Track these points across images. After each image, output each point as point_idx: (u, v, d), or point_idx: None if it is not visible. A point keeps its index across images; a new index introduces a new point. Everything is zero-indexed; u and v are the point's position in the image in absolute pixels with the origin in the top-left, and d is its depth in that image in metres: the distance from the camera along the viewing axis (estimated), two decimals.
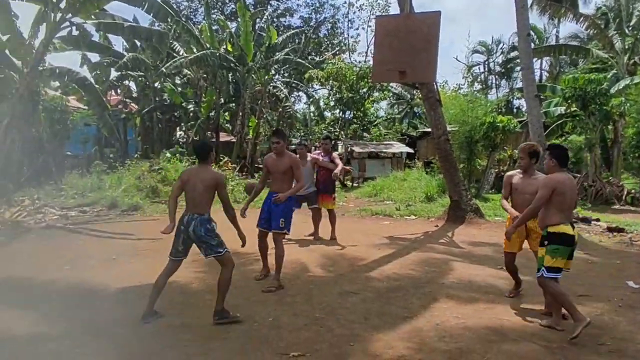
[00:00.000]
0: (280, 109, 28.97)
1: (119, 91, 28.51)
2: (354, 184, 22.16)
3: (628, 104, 18.04)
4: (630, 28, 21.64)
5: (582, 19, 21.95)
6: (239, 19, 24.33)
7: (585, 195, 16.87)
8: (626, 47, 21.39)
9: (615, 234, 10.64)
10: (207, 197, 5.21)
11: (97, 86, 21.76)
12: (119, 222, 11.26)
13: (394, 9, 10.96)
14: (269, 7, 41.59)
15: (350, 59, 31.89)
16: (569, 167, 21.04)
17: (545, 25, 36.98)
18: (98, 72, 25.50)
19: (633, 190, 17.87)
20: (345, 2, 33.31)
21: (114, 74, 26.59)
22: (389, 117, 40.05)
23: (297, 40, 32.98)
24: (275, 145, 6.65)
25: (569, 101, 17.31)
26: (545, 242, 4.79)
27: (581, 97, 16.43)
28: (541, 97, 22.40)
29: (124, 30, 16.08)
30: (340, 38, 39.38)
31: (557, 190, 4.68)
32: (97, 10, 14.70)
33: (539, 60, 34.87)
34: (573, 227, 4.76)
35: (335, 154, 9.75)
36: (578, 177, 18.36)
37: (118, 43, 57.90)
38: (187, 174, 5.13)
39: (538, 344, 4.57)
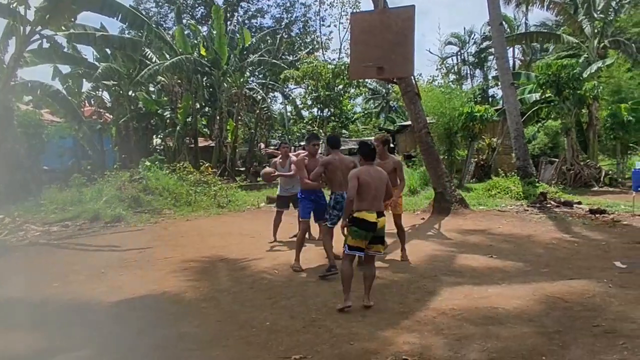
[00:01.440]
0: (258, 111, 28.83)
1: (92, 102, 28.08)
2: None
3: (601, 87, 18.39)
4: (598, 12, 22.00)
5: (551, 5, 22.26)
6: (213, 22, 24.12)
7: (565, 178, 17.15)
8: (595, 31, 21.76)
9: (597, 215, 10.84)
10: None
11: (70, 98, 21.42)
12: (103, 234, 11.10)
13: (365, 5, 11.08)
14: (239, 9, 41.44)
15: (324, 56, 31.94)
16: (545, 153, 21.32)
17: (514, 13, 37.45)
18: (70, 83, 25.08)
19: (610, 172, 18.23)
20: (315, 0, 33.19)
21: (86, 85, 26.22)
22: (365, 112, 40.17)
23: (270, 41, 32.89)
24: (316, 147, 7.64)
25: (544, 87, 17.59)
26: (350, 224, 5.36)
27: (555, 82, 16.71)
28: (516, 84, 22.73)
29: (95, 40, 15.82)
30: (313, 36, 39.41)
31: (360, 180, 5.29)
32: (68, 22, 14.44)
33: (511, 49, 35.27)
34: (379, 216, 5.31)
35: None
36: (556, 161, 18.67)
37: (87, 52, 57.18)
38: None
39: (535, 329, 4.62)
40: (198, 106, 27.90)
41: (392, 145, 27.15)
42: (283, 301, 5.80)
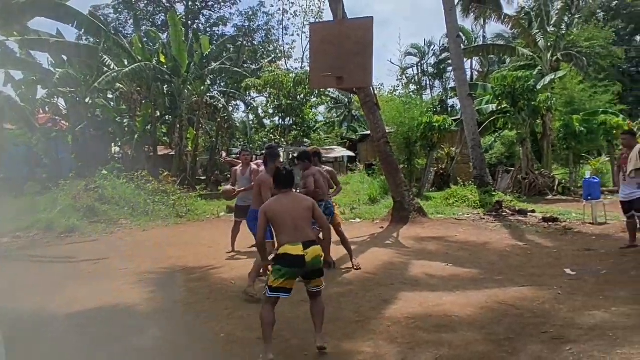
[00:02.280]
0: (219, 119, 28.62)
1: (47, 109, 27.33)
2: (298, 191, 22.13)
3: (554, 99, 19.00)
4: (551, 26, 22.78)
5: (506, 19, 22.94)
6: (170, 29, 23.87)
7: (520, 187, 17.60)
8: (549, 44, 22.51)
9: (550, 223, 11.15)
10: None
11: (23, 105, 20.80)
12: (57, 245, 10.79)
13: (328, 15, 11.15)
14: (201, 17, 41.16)
15: (287, 65, 32.00)
16: (502, 162, 21.82)
17: (472, 26, 38.38)
18: (24, 90, 24.37)
19: (563, 181, 18.81)
20: (279, 10, 33.27)
21: (41, 91, 25.51)
22: (328, 121, 40.39)
23: (231, 49, 32.74)
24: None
25: (500, 98, 18.05)
26: (273, 262, 4.61)
27: (510, 94, 17.17)
28: (474, 95, 23.26)
29: (50, 46, 15.43)
30: (276, 45, 39.41)
31: (269, 215, 4.58)
32: (20, 27, 14.05)
33: (469, 60, 36.12)
34: (307, 247, 4.44)
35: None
36: (512, 170, 19.15)
37: (42, 59, 55.69)
38: None
39: (486, 336, 4.71)
40: (158, 114, 27.50)
41: (354, 154, 27.39)
42: (240, 312, 5.75)
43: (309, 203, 4.73)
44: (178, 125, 25.90)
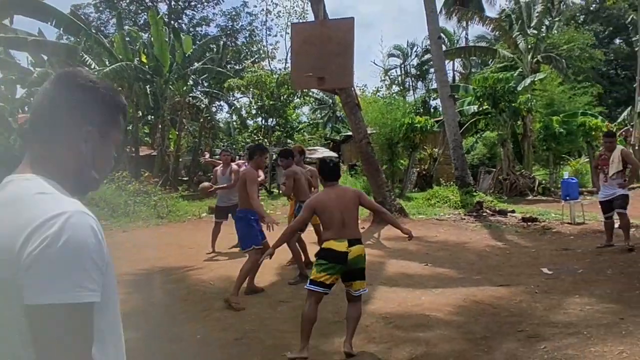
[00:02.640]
0: (202, 120, 28.46)
1: (26, 109, 26.95)
2: (281, 192, 22.10)
3: (534, 100, 19.20)
4: (531, 29, 23.03)
5: (487, 21, 23.13)
6: (152, 29, 23.66)
7: (502, 187, 17.75)
8: (529, 46, 22.74)
9: (529, 223, 11.25)
10: None
11: (2, 104, 20.46)
12: None
13: (311, 16, 11.16)
14: (184, 16, 40.91)
15: (270, 66, 31.93)
16: (484, 163, 22.02)
17: (454, 28, 38.62)
18: (2, 89, 24.00)
19: (543, 181, 19.01)
20: (262, 10, 33.22)
21: (20, 91, 25.14)
22: (312, 122, 40.38)
23: (215, 49, 32.55)
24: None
25: (481, 99, 18.18)
26: (316, 256, 4.56)
27: (491, 95, 17.29)
28: (455, 96, 23.39)
29: (27, 45, 15.19)
30: (259, 45, 39.32)
31: (318, 209, 4.49)
32: None
33: (451, 62, 36.36)
34: (352, 244, 4.35)
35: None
36: (493, 171, 19.31)
37: (22, 58, 54.96)
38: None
39: (463, 335, 4.74)
40: (140, 114, 27.26)
41: (337, 155, 27.41)
42: (216, 313, 5.70)
43: (355, 195, 4.64)
44: (160, 126, 25.71)
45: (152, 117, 28.84)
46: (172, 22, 36.06)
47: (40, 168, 1.17)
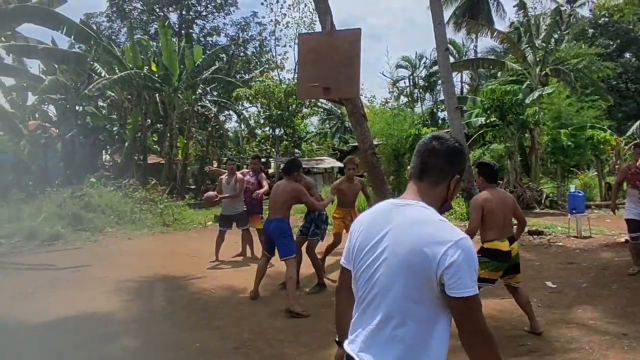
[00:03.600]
0: (210, 128, 28.60)
1: (37, 115, 27.24)
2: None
3: (542, 113, 19.12)
4: (540, 41, 22.98)
5: (495, 33, 23.12)
6: (160, 38, 23.87)
7: None
8: (537, 59, 22.68)
9: (535, 236, 11.15)
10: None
11: (13, 111, 20.69)
12: (38, 253, 10.67)
13: (319, 28, 11.21)
14: (195, 26, 41.22)
15: (279, 76, 32.04)
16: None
17: (463, 40, 38.61)
18: (14, 96, 24.31)
19: (551, 194, 18.86)
20: (271, 20, 33.33)
21: (31, 98, 25.45)
22: (320, 132, 40.40)
23: (224, 58, 32.75)
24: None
25: (488, 112, 18.13)
26: (479, 255, 4.61)
27: (499, 107, 17.25)
28: (463, 108, 23.35)
29: (37, 52, 15.36)
30: (269, 55, 39.50)
31: (486, 209, 4.74)
32: (8, 33, 14.01)
33: (460, 74, 36.30)
34: (511, 243, 4.79)
35: (263, 175, 9.62)
36: (501, 183, 19.20)
37: (34, 66, 55.58)
38: None
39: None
40: (149, 122, 27.45)
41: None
42: (216, 322, 5.69)
43: (512, 199, 5.03)
44: (169, 134, 25.85)
45: (161, 125, 29.02)
46: (183, 31, 36.34)
47: (422, 198, 1.80)
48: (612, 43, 37.09)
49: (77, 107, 25.19)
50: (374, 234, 1.80)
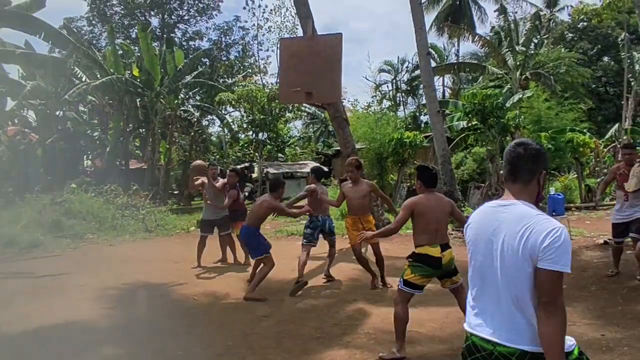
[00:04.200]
0: (193, 133, 28.45)
1: (16, 121, 26.83)
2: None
3: (522, 117, 19.34)
4: (520, 46, 23.29)
5: (477, 38, 23.39)
6: (141, 42, 23.69)
7: None
8: (517, 63, 22.98)
9: None
10: None
11: None
12: (17, 260, 10.51)
13: (301, 32, 11.23)
14: (177, 31, 41.03)
15: (262, 80, 32.03)
16: (473, 178, 22.11)
17: (444, 44, 38.91)
18: None
19: None
20: (253, 25, 33.31)
21: (10, 103, 25.03)
22: (303, 136, 40.44)
23: (207, 63, 32.63)
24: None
25: (470, 115, 18.28)
26: (410, 259, 4.80)
27: (480, 111, 17.40)
28: (444, 112, 23.53)
29: (16, 58, 15.16)
30: (251, 60, 39.45)
31: (416, 212, 4.72)
32: None
33: (441, 78, 36.59)
34: (444, 249, 4.70)
35: (233, 192, 9.32)
36: (483, 186, 19.38)
37: (12, 70, 54.82)
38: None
39: (445, 351, 4.73)
40: (130, 127, 27.23)
41: (328, 169, 27.46)
42: (199, 329, 5.67)
43: (450, 204, 4.93)
44: (151, 139, 25.65)
45: (143, 130, 28.77)
46: (165, 35, 36.13)
47: (521, 197, 2.19)
48: (591, 47, 37.64)
49: (57, 113, 24.88)
50: (486, 230, 2.24)
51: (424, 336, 5.17)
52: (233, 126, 29.38)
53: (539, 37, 27.28)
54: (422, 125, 32.83)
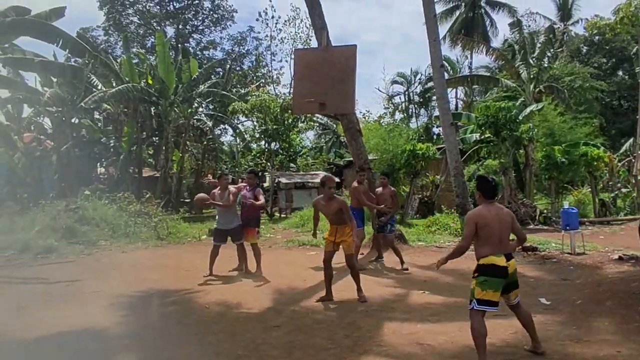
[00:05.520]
0: (205, 142, 28.62)
1: (32, 128, 27.19)
2: (282, 215, 22.12)
3: (535, 130, 19.25)
4: (534, 59, 23.22)
5: (490, 50, 23.37)
6: (158, 51, 23.94)
7: None
8: (531, 76, 22.90)
9: (529, 253, 11.17)
10: None
11: (9, 123, 20.65)
12: (31, 266, 10.61)
13: (315, 43, 11.34)
14: (191, 40, 41.47)
15: (275, 90, 32.15)
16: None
17: (457, 57, 38.93)
18: (9, 108, 24.24)
19: (545, 210, 18.92)
20: (267, 35, 33.50)
21: (27, 110, 25.39)
22: (315, 146, 40.52)
23: (221, 73, 32.85)
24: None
25: (483, 128, 18.23)
26: (475, 274, 4.75)
27: (493, 124, 17.35)
28: (457, 124, 23.47)
29: (33, 65, 15.39)
30: (264, 70, 39.71)
31: (479, 223, 4.68)
32: (6, 45, 14.06)
33: (454, 90, 36.55)
34: (508, 259, 4.69)
35: (259, 190, 9.53)
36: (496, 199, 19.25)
37: (30, 77, 55.59)
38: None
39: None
40: (144, 135, 27.46)
41: (339, 180, 27.45)
42: (210, 337, 5.67)
43: (510, 215, 4.89)
44: (164, 147, 25.85)
45: (156, 138, 29.01)
46: (179, 45, 36.51)
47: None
48: (606, 61, 37.48)
49: (72, 120, 25.16)
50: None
51: (435, 350, 5.13)
52: (245, 136, 29.50)
53: (552, 50, 27.21)
54: (435, 137, 32.80)
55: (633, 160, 22.42)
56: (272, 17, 28.83)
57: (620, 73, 38.76)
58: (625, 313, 6.26)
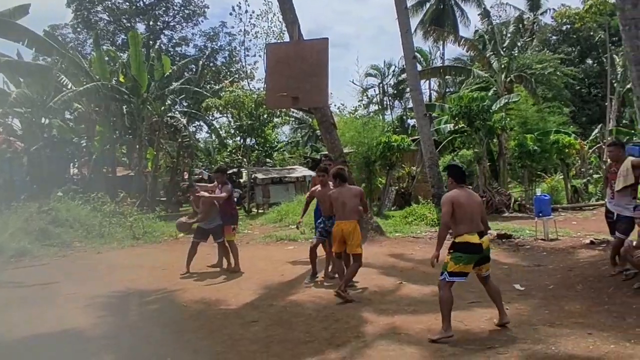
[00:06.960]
0: (180, 139, 28.36)
1: (1, 129, 26.61)
2: (259, 211, 22.08)
3: (508, 119, 19.53)
4: (504, 49, 23.51)
5: (462, 41, 23.59)
6: (130, 48, 23.59)
7: None
8: (502, 66, 23.19)
9: (504, 240, 11.35)
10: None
11: None
12: (5, 269, 10.38)
13: (288, 37, 11.29)
14: (163, 36, 40.90)
15: (249, 86, 31.97)
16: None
17: (430, 47, 39.18)
18: None
19: (519, 198, 19.24)
20: (240, 30, 33.18)
21: None
22: (291, 141, 40.45)
23: (194, 69, 32.53)
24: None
25: (456, 118, 18.44)
26: (451, 250, 5.18)
27: (467, 114, 17.56)
28: (431, 115, 23.70)
29: (0, 66, 15.04)
30: (238, 66, 39.40)
31: (455, 204, 5.14)
32: None
33: (428, 81, 36.81)
34: (481, 236, 5.17)
35: (227, 187, 9.30)
36: (470, 188, 19.51)
37: None
38: None
39: (433, 352, 4.76)
40: (117, 134, 27.09)
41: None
42: (188, 335, 5.65)
43: (479, 200, 5.57)
44: (138, 146, 25.54)
45: (130, 137, 28.63)
46: (151, 42, 36.00)
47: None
48: (573, 50, 38.13)
49: (42, 120, 24.68)
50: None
51: (412, 338, 5.20)
52: (221, 132, 29.30)
53: (522, 40, 27.60)
54: (410, 128, 33.04)
55: (603, 146, 22.92)
56: (246, 11, 28.55)
57: (589, 61, 39.49)
58: (595, 296, 6.43)
